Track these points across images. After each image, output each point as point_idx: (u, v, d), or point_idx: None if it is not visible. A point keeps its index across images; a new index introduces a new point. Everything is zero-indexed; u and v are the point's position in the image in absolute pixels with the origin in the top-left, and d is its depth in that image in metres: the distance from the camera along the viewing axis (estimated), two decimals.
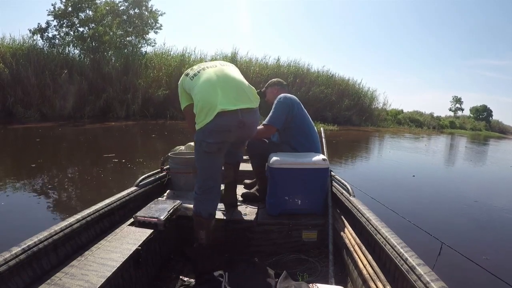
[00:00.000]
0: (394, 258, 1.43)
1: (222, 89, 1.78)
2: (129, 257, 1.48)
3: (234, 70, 1.99)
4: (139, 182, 2.31)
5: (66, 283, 1.24)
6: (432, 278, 1.18)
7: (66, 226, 1.51)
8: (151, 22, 19.15)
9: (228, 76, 1.88)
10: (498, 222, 4.18)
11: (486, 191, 6.11)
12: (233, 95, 1.78)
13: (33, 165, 5.47)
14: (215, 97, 1.73)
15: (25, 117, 12.21)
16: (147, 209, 1.97)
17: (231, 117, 1.73)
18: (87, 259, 1.42)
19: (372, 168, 7.47)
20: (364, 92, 23.04)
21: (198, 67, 1.96)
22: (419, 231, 2.05)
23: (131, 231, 1.75)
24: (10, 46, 14.11)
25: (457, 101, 60.03)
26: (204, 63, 2.04)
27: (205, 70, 1.91)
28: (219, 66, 1.95)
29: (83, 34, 16.81)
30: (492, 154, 14.46)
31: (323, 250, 2.13)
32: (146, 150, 8.21)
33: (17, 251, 1.24)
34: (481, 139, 25.41)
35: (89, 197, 4.11)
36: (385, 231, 1.62)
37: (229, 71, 1.91)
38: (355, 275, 1.70)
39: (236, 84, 1.86)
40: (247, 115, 1.79)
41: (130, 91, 15.19)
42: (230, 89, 1.81)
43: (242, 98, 1.80)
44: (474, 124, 41.03)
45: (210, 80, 1.82)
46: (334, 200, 2.41)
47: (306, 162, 2.27)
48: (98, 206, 1.80)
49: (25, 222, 3.17)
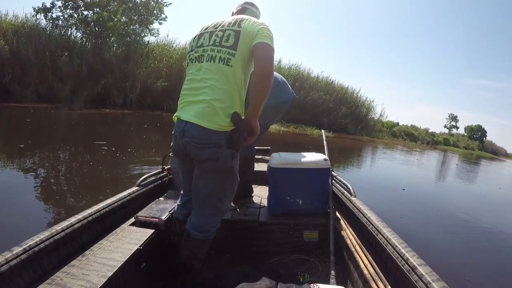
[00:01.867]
0: (395, 258, 1.44)
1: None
2: (130, 257, 1.48)
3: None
4: (140, 182, 2.31)
5: (67, 283, 1.23)
6: (433, 278, 1.19)
7: (67, 226, 1.52)
8: (156, 12, 19.01)
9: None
10: (482, 241, 4.25)
11: (471, 210, 6.19)
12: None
13: (21, 146, 5.47)
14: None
15: (21, 96, 12.07)
16: (148, 209, 1.98)
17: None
18: (88, 259, 1.42)
19: (362, 179, 7.52)
20: (361, 102, 23.07)
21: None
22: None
23: (132, 231, 1.75)
24: (12, 23, 13.93)
25: (452, 118, 60.60)
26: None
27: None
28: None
29: (87, 17, 16.62)
30: (482, 174, 14.61)
31: (325, 250, 2.13)
32: (139, 140, 8.18)
33: (18, 251, 1.25)
34: (473, 158, 25.64)
35: (70, 184, 4.10)
36: (386, 231, 1.63)
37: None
38: (356, 275, 1.71)
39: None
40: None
41: (129, 80, 15.06)
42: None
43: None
44: (468, 143, 41.46)
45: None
46: (336, 200, 2.43)
47: (307, 162, 2.28)
48: (99, 206, 1.79)
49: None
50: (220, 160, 1.49)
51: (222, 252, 2.16)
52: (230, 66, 1.49)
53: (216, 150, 1.47)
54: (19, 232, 2.51)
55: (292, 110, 17.30)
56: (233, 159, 1.54)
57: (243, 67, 1.52)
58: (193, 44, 1.64)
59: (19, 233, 2.47)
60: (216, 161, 1.48)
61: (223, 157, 1.49)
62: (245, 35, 1.50)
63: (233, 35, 1.51)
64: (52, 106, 11.32)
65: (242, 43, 1.49)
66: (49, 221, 2.95)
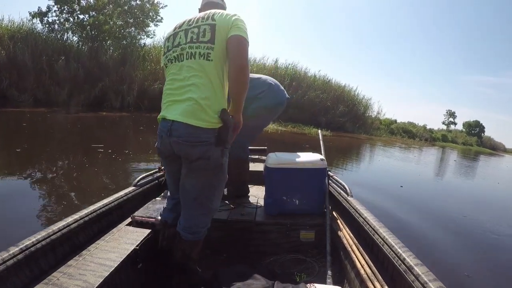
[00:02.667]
0: (392, 258, 1.44)
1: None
2: (126, 257, 1.48)
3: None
4: (137, 182, 2.31)
5: (63, 283, 1.24)
6: (429, 278, 1.20)
7: (64, 226, 1.52)
8: (152, 14, 19.00)
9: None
10: (480, 237, 4.26)
11: (469, 206, 6.20)
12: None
13: (18, 150, 5.47)
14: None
15: (18, 100, 12.06)
16: (145, 209, 1.98)
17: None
18: (84, 259, 1.42)
19: (360, 176, 7.54)
20: (359, 100, 23.13)
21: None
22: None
23: (129, 231, 1.75)
24: (8, 28, 13.91)
25: (450, 115, 60.70)
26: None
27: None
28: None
29: (83, 21, 16.62)
30: (481, 170, 14.65)
31: (321, 250, 2.13)
32: (137, 142, 8.19)
33: (15, 251, 1.25)
34: (472, 154, 25.68)
35: (64, 186, 4.10)
36: (383, 231, 1.64)
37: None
38: (353, 275, 1.71)
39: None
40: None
41: (126, 82, 15.06)
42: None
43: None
44: (466, 139, 41.52)
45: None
46: (332, 200, 2.43)
47: (304, 162, 2.28)
48: (96, 206, 1.80)
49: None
50: (211, 159, 1.47)
51: (219, 252, 2.16)
52: (210, 60, 1.48)
53: (207, 148, 1.45)
54: (13, 233, 2.51)
55: (290, 110, 17.32)
56: (223, 156, 1.53)
57: (223, 59, 1.51)
58: (168, 44, 1.62)
59: (14, 233, 2.49)
60: (207, 160, 1.47)
61: (214, 155, 1.48)
62: (221, 27, 1.49)
63: (209, 29, 1.50)
64: (49, 110, 11.30)
65: (219, 36, 1.48)
66: (42, 223, 2.95)
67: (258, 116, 2.56)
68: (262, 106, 2.54)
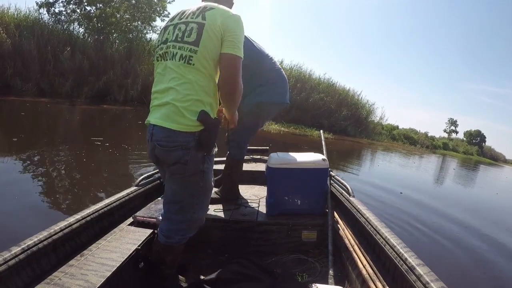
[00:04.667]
0: (394, 258, 1.44)
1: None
2: (128, 257, 1.48)
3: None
4: (139, 182, 2.29)
5: (65, 283, 1.24)
6: (431, 279, 1.19)
7: (66, 226, 1.51)
8: (159, 9, 19.01)
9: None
10: (478, 243, 4.27)
11: (468, 214, 6.20)
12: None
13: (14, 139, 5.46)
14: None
15: (22, 90, 12.05)
16: (147, 209, 1.98)
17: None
18: (86, 259, 1.42)
19: (360, 181, 7.53)
20: (362, 104, 23.12)
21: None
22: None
23: (131, 231, 1.75)
24: (14, 17, 13.91)
25: (452, 123, 60.66)
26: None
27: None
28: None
29: (90, 13, 16.64)
30: (480, 180, 14.64)
31: (323, 250, 2.13)
32: (137, 136, 8.19)
33: (17, 251, 1.25)
34: (472, 163, 25.66)
35: (60, 181, 4.06)
36: (384, 231, 1.63)
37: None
38: (354, 276, 1.71)
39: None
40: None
41: (130, 76, 15.05)
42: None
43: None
44: (467, 148, 41.54)
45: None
46: (334, 200, 2.42)
47: (306, 162, 2.28)
48: (98, 206, 1.79)
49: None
50: (189, 164, 1.39)
51: (220, 252, 2.16)
52: (192, 64, 1.37)
53: (183, 153, 1.37)
54: (8, 229, 2.51)
55: (293, 111, 17.34)
56: (204, 163, 1.43)
57: (207, 64, 1.39)
58: (159, 38, 1.52)
59: (9, 230, 2.48)
60: (184, 165, 1.39)
61: (192, 161, 1.39)
62: (209, 29, 1.37)
63: (196, 28, 1.38)
64: (52, 101, 11.29)
65: (207, 38, 1.36)
66: (39, 218, 2.90)
67: (254, 113, 2.37)
68: (261, 101, 2.34)
